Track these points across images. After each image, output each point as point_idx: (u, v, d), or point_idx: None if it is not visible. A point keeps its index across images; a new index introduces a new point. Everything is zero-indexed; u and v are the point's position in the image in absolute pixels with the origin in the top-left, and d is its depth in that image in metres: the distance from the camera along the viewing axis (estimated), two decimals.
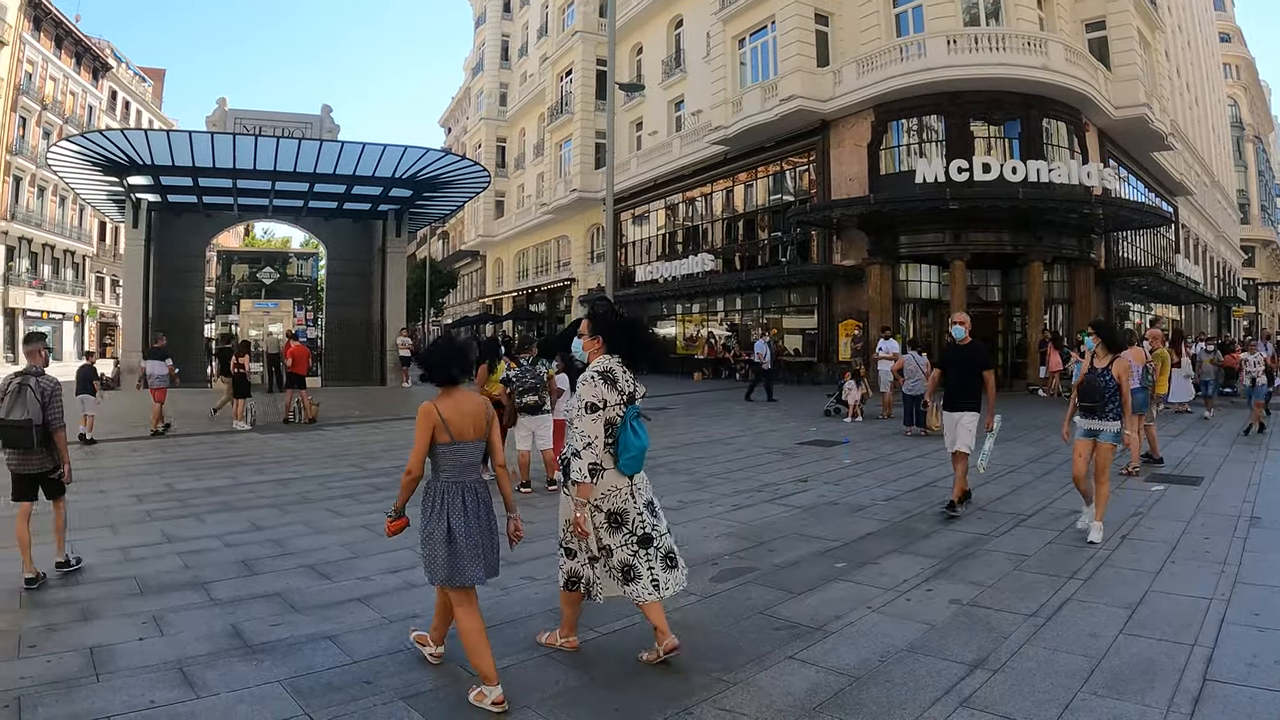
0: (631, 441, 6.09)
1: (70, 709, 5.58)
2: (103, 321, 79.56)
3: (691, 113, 46.62)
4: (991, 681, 5.79)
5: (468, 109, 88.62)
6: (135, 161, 31.25)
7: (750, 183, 42.72)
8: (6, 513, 11.51)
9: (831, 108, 35.71)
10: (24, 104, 64.40)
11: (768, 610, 7.47)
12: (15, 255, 64.70)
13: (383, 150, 30.47)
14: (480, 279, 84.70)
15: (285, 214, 42.60)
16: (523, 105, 70.66)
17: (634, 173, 50.15)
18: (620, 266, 49.72)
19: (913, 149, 34.28)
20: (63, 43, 71.10)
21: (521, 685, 5.88)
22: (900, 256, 34.39)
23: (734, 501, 12.35)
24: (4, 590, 8.30)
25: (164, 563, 9.38)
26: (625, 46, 51.65)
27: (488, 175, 37.26)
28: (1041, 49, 31.97)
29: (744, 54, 40.75)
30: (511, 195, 74.20)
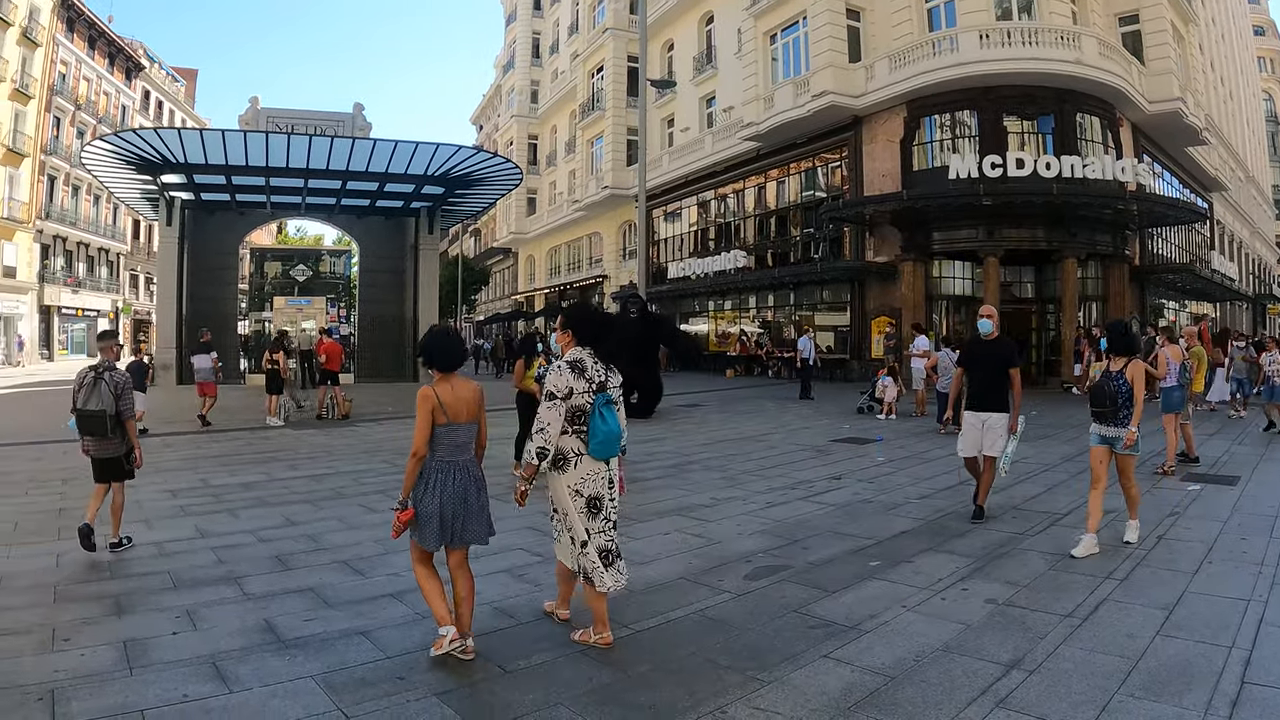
0: (599, 427, 6.36)
1: (104, 702, 5.61)
2: (137, 319, 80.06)
3: (723, 109, 46.57)
4: (1028, 682, 5.75)
5: (499, 106, 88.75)
6: (169, 160, 31.45)
7: (782, 179, 42.63)
8: (41, 508, 11.68)
9: (864, 103, 35.57)
10: (58, 104, 65.01)
11: (802, 608, 7.45)
12: (50, 253, 65.29)
13: (415, 148, 30.54)
14: (512, 276, 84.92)
15: (318, 212, 42.77)
16: (554, 102, 70.83)
17: (666, 169, 50.13)
18: (652, 263, 49.71)
19: (945, 144, 34.11)
20: (96, 43, 71.70)
21: (553, 683, 5.89)
22: (933, 253, 34.21)
23: (768, 499, 12.32)
24: (38, 584, 8.39)
25: (198, 557, 9.45)
26: (656, 43, 51.63)
27: (520, 172, 37.30)
28: (1074, 43, 31.75)
29: (775, 50, 40.65)
30: (543, 192, 74.35)
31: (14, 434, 19.53)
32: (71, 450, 18.06)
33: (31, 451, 18.12)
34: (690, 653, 6.42)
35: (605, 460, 6.51)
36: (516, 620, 7.17)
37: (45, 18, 62.12)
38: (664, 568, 8.73)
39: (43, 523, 11.27)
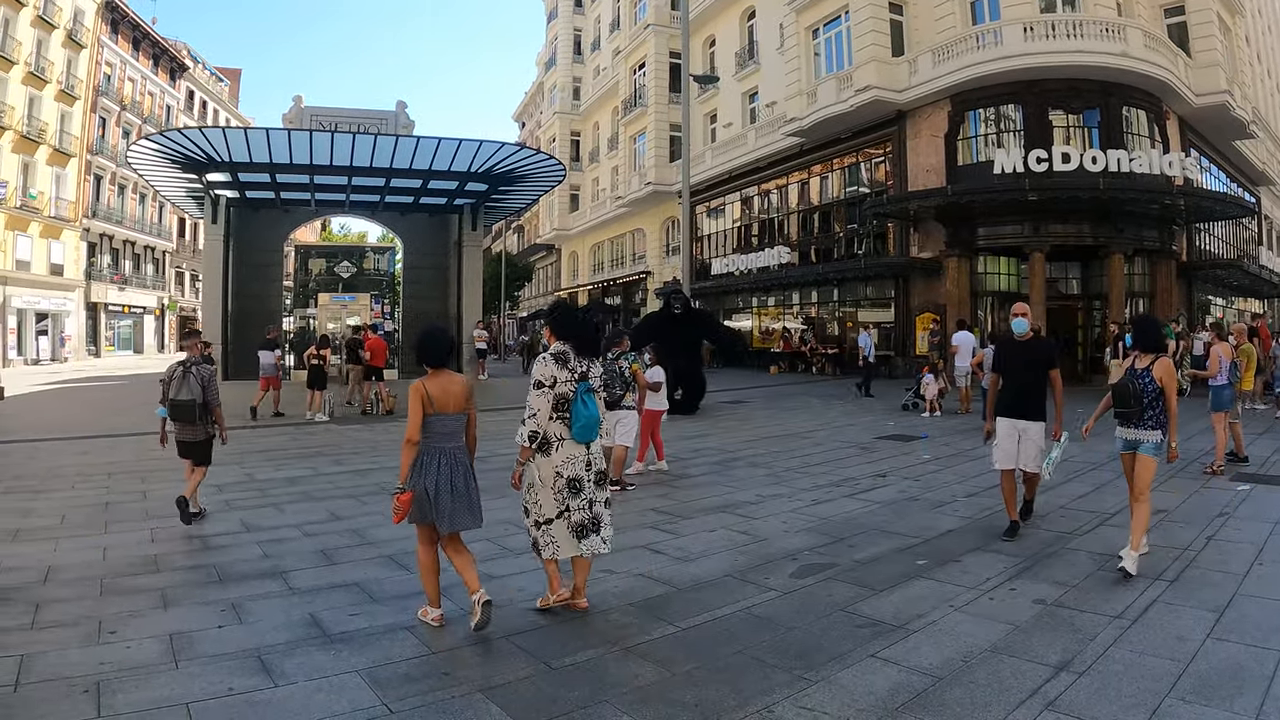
0: (581, 412, 7.04)
1: (149, 695, 5.67)
2: (182, 315, 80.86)
3: (766, 104, 46.50)
4: (1077, 684, 5.69)
5: (541, 103, 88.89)
6: (214, 159, 31.64)
7: (825, 174, 42.47)
8: (87, 501, 11.77)
9: (907, 98, 35.43)
10: (103, 105, 65.86)
11: (849, 607, 7.41)
12: (97, 251, 66.22)
13: (458, 145, 30.55)
14: (555, 272, 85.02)
15: (362, 209, 42.89)
16: (596, 99, 70.93)
17: (709, 165, 50.08)
18: (696, 259, 49.66)
19: (990, 139, 33.92)
20: (140, 44, 72.60)
21: (600, 680, 5.89)
22: (978, 249, 34.01)
23: (813, 496, 12.28)
24: (85, 577, 8.49)
25: (243, 551, 9.54)
26: (698, 39, 51.60)
27: (563, 169, 37.30)
28: (1120, 35, 31.48)
29: (818, 44, 40.51)
30: (586, 189, 74.41)
31: (61, 429, 19.71)
32: (118, 445, 18.42)
33: (79, 446, 18.32)
34: (737, 651, 6.40)
35: (585, 444, 7.17)
36: (561, 617, 7.18)
37: (90, 20, 62.91)
38: (710, 565, 8.72)
39: (90, 516, 11.39)
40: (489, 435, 20.05)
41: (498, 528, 10.34)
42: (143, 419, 23.33)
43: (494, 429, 21.39)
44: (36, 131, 56.34)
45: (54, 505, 11.79)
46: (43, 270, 58.13)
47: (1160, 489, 10.00)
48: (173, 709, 5.38)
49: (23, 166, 55.68)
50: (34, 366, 52.37)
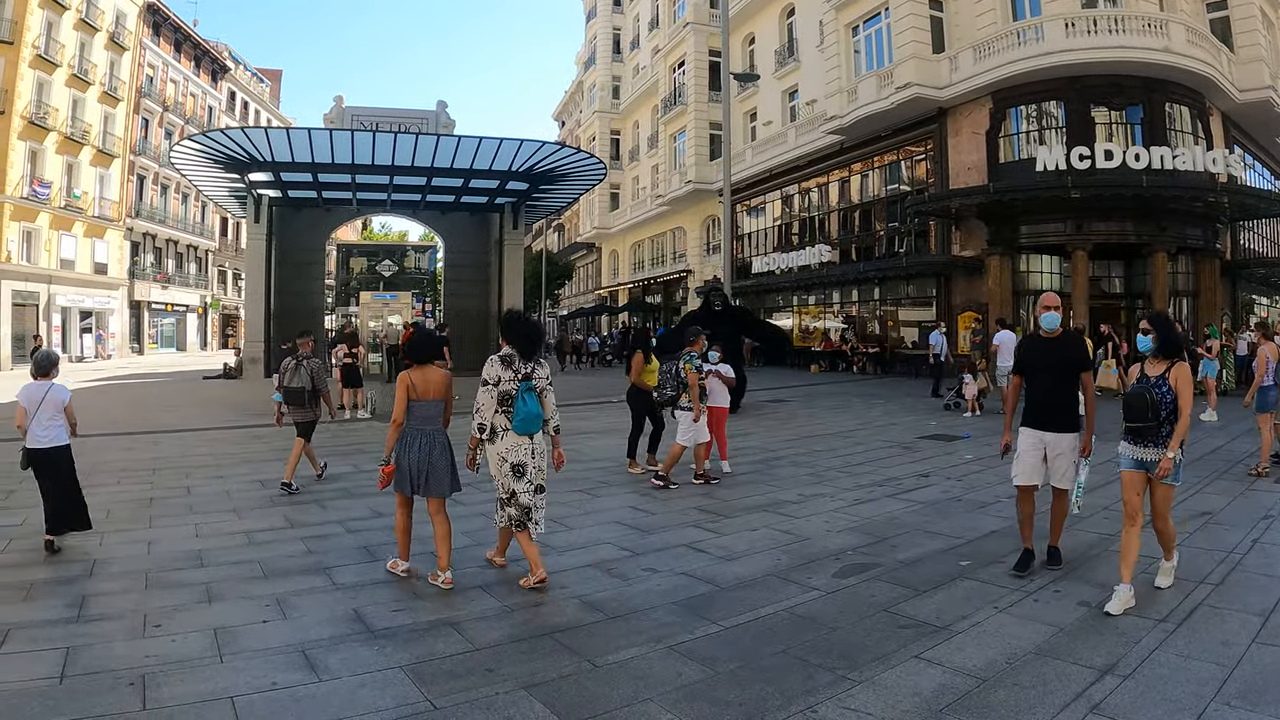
0: (520, 409, 7.96)
1: (194, 688, 5.73)
2: (225, 313, 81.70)
3: (806, 102, 46.32)
4: (1122, 688, 5.64)
5: (580, 102, 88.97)
6: (256, 159, 31.95)
7: (866, 172, 42.26)
8: (132, 496, 11.87)
9: (948, 95, 35.22)
10: (146, 106, 66.58)
11: (892, 607, 7.39)
12: (140, 250, 66.93)
13: (499, 144, 30.70)
14: (596, 271, 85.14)
15: (403, 208, 43.20)
16: (635, 97, 70.94)
17: (749, 163, 49.98)
18: (736, 258, 49.57)
19: (1032, 136, 33.64)
20: (181, 46, 73.33)
21: (643, 679, 5.90)
22: (1020, 247, 33.76)
23: (855, 496, 12.23)
24: (130, 571, 8.61)
25: (287, 547, 9.63)
26: (737, 37, 51.49)
27: (604, 167, 37.35)
28: (1162, 30, 31.15)
29: (858, 42, 40.31)
30: (626, 187, 74.45)
31: (106, 425, 19.88)
32: (162, 441, 18.63)
33: (122, 442, 18.47)
34: (780, 650, 6.39)
35: (528, 435, 8.07)
36: (605, 614, 7.19)
37: (132, 22, 63.59)
38: (753, 564, 8.71)
39: (134, 511, 11.53)
40: None
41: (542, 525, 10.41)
42: (187, 415, 23.64)
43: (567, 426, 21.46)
44: (80, 133, 56.91)
45: (99, 500, 11.82)
46: (87, 269, 58.72)
47: (1204, 491, 9.86)
48: (218, 702, 5.42)
49: (66, 167, 56.20)
50: (78, 364, 52.82)
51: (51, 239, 54.53)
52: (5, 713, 5.41)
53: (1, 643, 6.64)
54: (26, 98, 51.33)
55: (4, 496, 12.65)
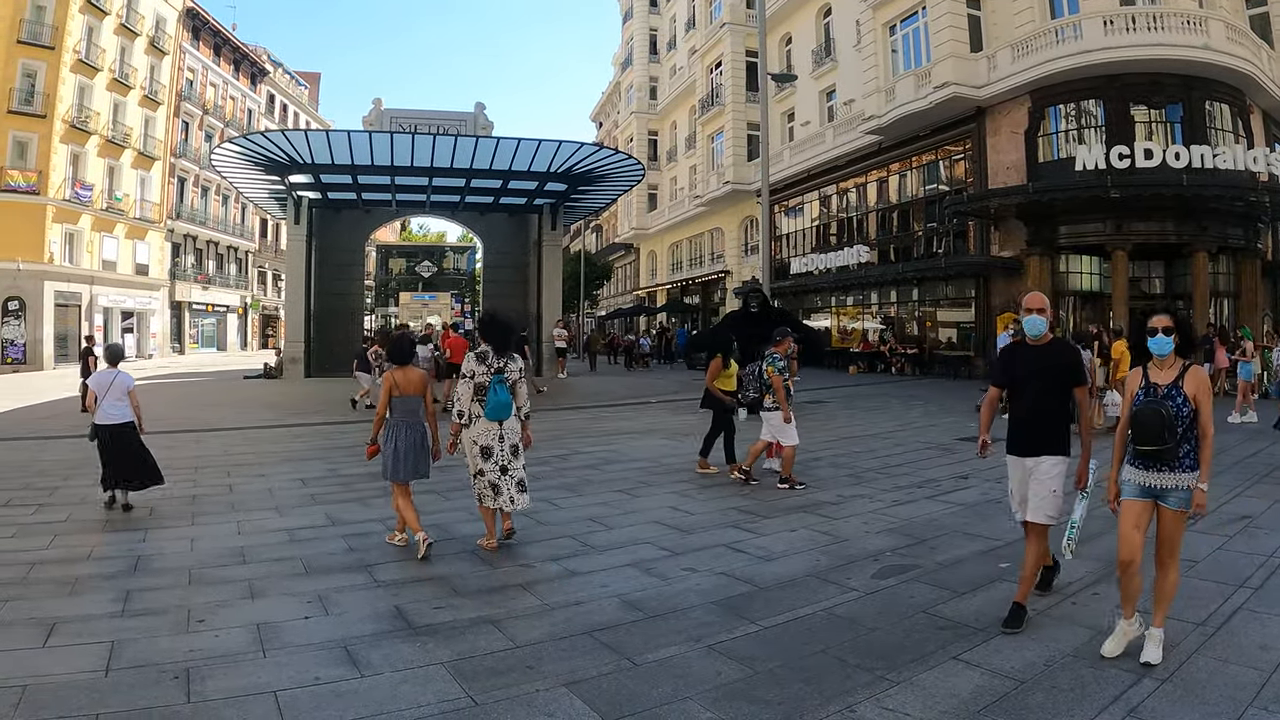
0: (491, 397, 9.19)
1: (237, 682, 5.81)
2: (265, 314, 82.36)
3: (843, 102, 46.19)
4: (1159, 691, 5.61)
5: (618, 103, 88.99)
6: (296, 161, 32.19)
7: (904, 172, 42.07)
8: (175, 494, 11.99)
9: (986, 94, 35.01)
10: (186, 109, 67.51)
11: (931, 609, 7.37)
12: (181, 251, 67.77)
13: (537, 145, 30.77)
14: (634, 271, 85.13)
15: (442, 209, 43.37)
16: (673, 98, 70.93)
17: (787, 164, 49.84)
18: (774, 258, 49.45)
19: (1071, 135, 33.38)
20: (221, 50, 74.16)
21: (683, 678, 5.91)
22: (1060, 247, 33.54)
23: (894, 497, 12.17)
24: (174, 567, 8.75)
25: (328, 544, 9.74)
26: (774, 37, 51.34)
27: (642, 168, 37.36)
28: (1201, 27, 30.83)
29: (895, 41, 40.19)
30: (664, 188, 74.40)
31: (148, 423, 20.06)
32: (203, 440, 18.82)
33: (164, 440, 18.60)
34: (819, 650, 6.39)
35: (497, 421, 9.30)
36: (644, 613, 7.22)
37: (171, 27, 64.44)
38: (792, 565, 8.71)
39: (177, 508, 11.69)
40: (570, 431, 20.23)
41: (580, 525, 10.52)
42: (228, 414, 23.84)
43: (576, 425, 21.50)
44: (121, 136, 57.76)
45: (143, 497, 12.00)
46: (128, 270, 59.53)
47: (1244, 495, 9.71)
48: (261, 696, 5.48)
49: (108, 170, 57.05)
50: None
51: (93, 241, 55.28)
52: (52, 704, 5.49)
53: (48, 636, 6.76)
54: (68, 102, 52.11)
55: (49, 493, 12.91)
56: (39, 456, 16.98)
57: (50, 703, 5.51)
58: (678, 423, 22.36)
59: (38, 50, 50.39)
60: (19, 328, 49.52)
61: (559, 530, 10.00)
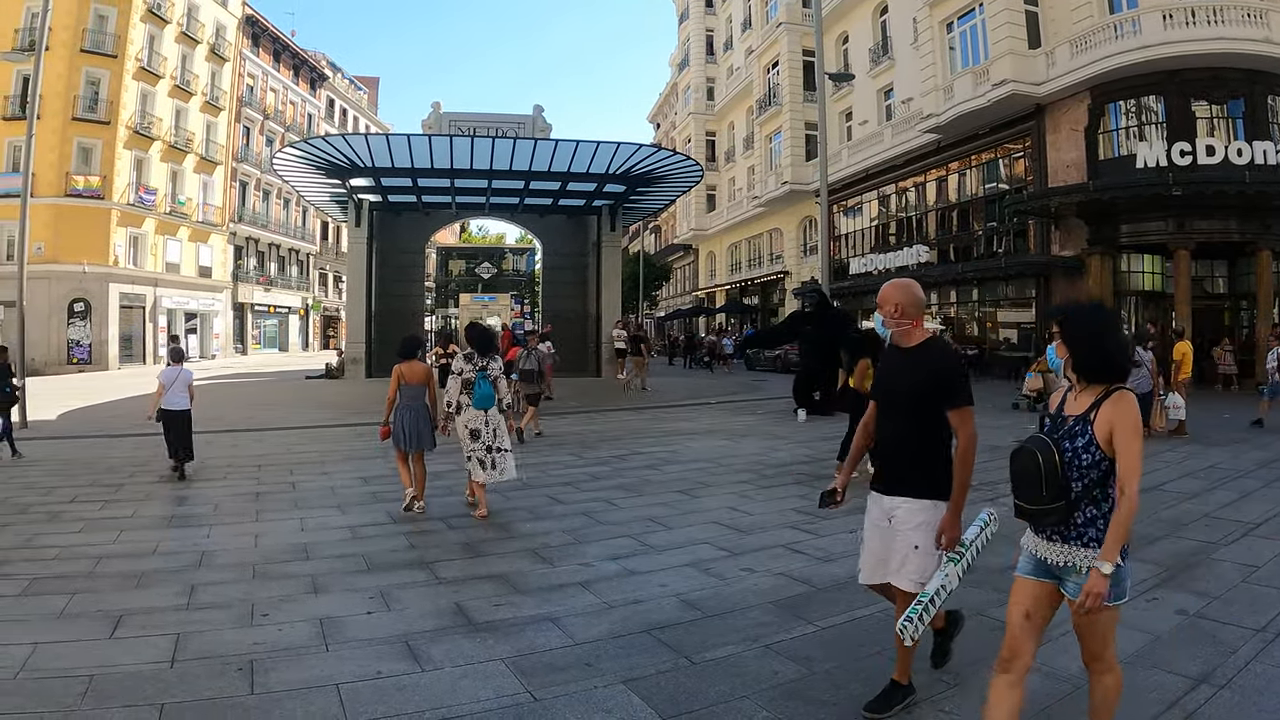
0: (477, 390, 11.22)
1: (300, 675, 5.91)
2: (326, 315, 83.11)
3: (901, 101, 45.93)
4: (1216, 698, 5.54)
5: (675, 104, 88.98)
6: (356, 164, 32.44)
7: (963, 171, 41.74)
8: (239, 491, 12.15)
9: (1045, 91, 34.67)
10: (247, 114, 68.52)
11: (985, 611, 7.32)
12: (243, 254, 68.77)
13: (595, 147, 30.86)
14: (693, 272, 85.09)
15: (501, 211, 43.61)
16: (730, 99, 70.81)
17: (845, 163, 49.62)
18: (834, 259, 49.22)
19: (1132, 132, 32.97)
20: (280, 56, 75.15)
21: (740, 677, 5.92)
22: (1121, 246, 33.11)
23: None
24: (238, 563, 8.90)
25: (390, 541, 9.86)
26: (831, 36, 51.07)
27: (700, 169, 37.31)
28: (1262, 20, 30.21)
29: (952, 38, 39.88)
30: (722, 189, 74.29)
31: (211, 423, 20.32)
32: (265, 438, 19.07)
33: (229, 439, 18.91)
34: (875, 651, 6.38)
35: (483, 410, 11.20)
36: (702, 613, 7.24)
37: (231, 34, 65.44)
38: (850, 566, 8.53)
39: (241, 505, 11.88)
40: (630, 432, 20.29)
41: (639, 524, 10.55)
42: (291, 414, 24.08)
43: (636, 425, 21.52)
44: (183, 141, 58.67)
45: (207, 494, 12.26)
46: (191, 272, 60.45)
47: None
48: (323, 689, 5.57)
49: (171, 175, 57.99)
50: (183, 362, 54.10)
51: (157, 244, 56.21)
52: (118, 693, 5.61)
53: (114, 627, 6.91)
54: (131, 109, 53.03)
55: (115, 490, 13.13)
56: (106, 454, 17.24)
57: (116, 692, 5.63)
58: (738, 424, 22.33)
59: (101, 59, 51.31)
60: (85, 329, 50.28)
61: (618, 530, 10.05)
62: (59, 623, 7.09)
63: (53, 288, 48.57)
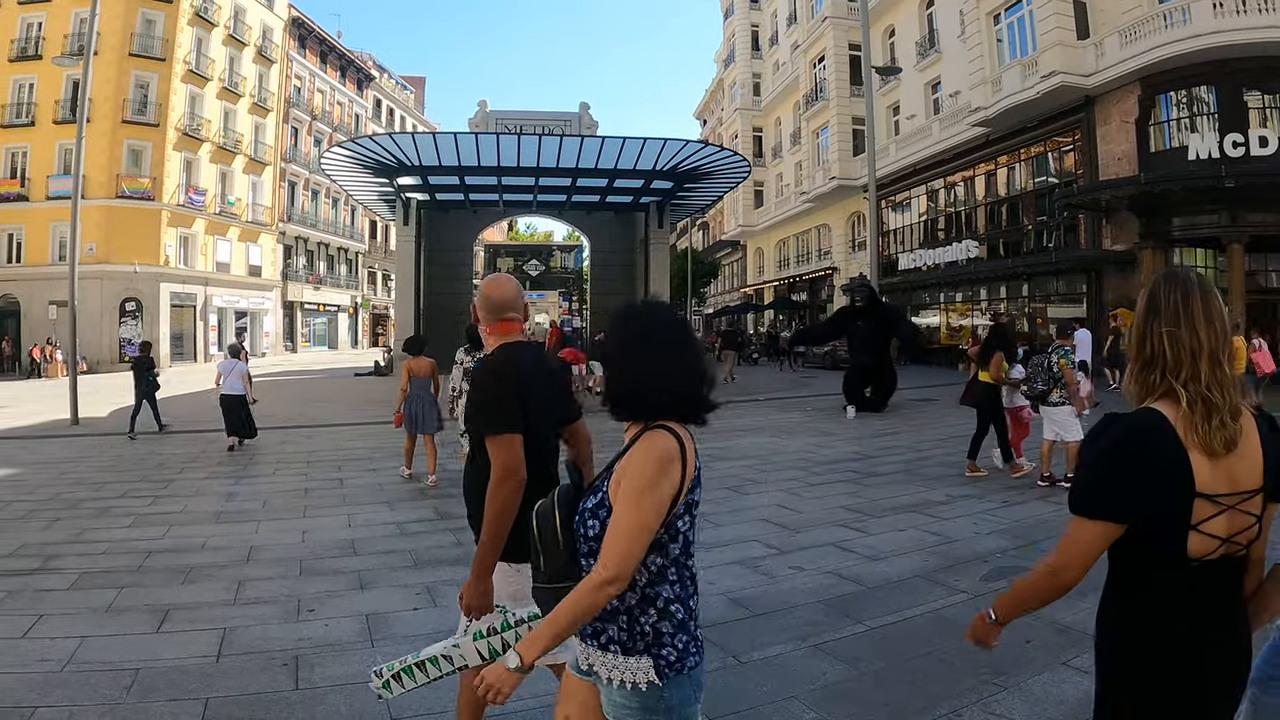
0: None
1: (345, 670, 5.95)
2: (375, 313, 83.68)
3: (949, 94, 45.57)
4: None
5: (721, 100, 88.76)
6: (404, 163, 32.61)
7: (1012, 165, 41.30)
8: (287, 487, 12.19)
9: (1094, 83, 34.15)
10: (294, 115, 69.11)
11: (1040, 613, 7.10)
12: (293, 253, 69.41)
13: (642, 143, 30.86)
14: (741, 269, 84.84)
15: (549, 208, 43.75)
16: (776, 94, 70.47)
17: (893, 158, 49.26)
18: (882, 255, 48.92)
19: (1183, 123, 32.49)
20: (327, 57, 75.66)
21: (787, 676, 5.86)
22: (1173, 240, 32.61)
23: (1004, 497, 11.94)
24: (285, 559, 8.95)
25: (437, 538, 9.87)
26: (877, 29, 50.68)
27: (747, 165, 37.21)
28: None
29: (1000, 30, 39.45)
30: (770, 185, 74.00)
31: (261, 420, 20.48)
32: (315, 435, 19.23)
33: (278, 436, 19.05)
34: (925, 653, 6.31)
35: None
36: (751, 611, 7.18)
37: (278, 36, 66.05)
38: (900, 565, 8.58)
39: (289, 501, 11.97)
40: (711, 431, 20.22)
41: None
42: (339, 411, 24.23)
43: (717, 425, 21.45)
44: (232, 143, 59.31)
45: (256, 490, 12.36)
46: (241, 271, 61.06)
47: None
48: (367, 685, 5.54)
49: (220, 175, 58.61)
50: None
51: (207, 243, 56.84)
52: (163, 687, 5.66)
53: (161, 622, 6.98)
54: (179, 111, 53.71)
55: (164, 485, 13.27)
56: (157, 450, 17.51)
57: (162, 686, 5.68)
58: (786, 420, 22.26)
59: (149, 62, 51.98)
60: (136, 327, 50.82)
61: None
62: (107, 616, 7.17)
63: (105, 288, 49.19)
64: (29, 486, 13.69)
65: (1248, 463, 2.69)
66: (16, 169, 51.50)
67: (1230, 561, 2.73)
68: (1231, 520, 2.66)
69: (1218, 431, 2.63)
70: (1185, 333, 2.73)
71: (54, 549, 9.46)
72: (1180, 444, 2.64)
